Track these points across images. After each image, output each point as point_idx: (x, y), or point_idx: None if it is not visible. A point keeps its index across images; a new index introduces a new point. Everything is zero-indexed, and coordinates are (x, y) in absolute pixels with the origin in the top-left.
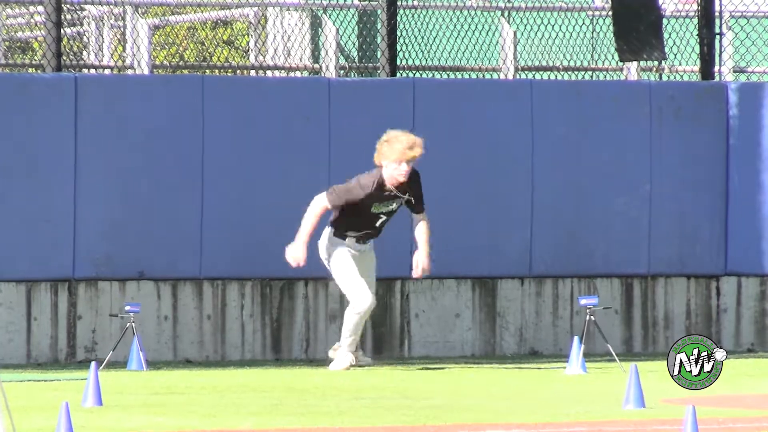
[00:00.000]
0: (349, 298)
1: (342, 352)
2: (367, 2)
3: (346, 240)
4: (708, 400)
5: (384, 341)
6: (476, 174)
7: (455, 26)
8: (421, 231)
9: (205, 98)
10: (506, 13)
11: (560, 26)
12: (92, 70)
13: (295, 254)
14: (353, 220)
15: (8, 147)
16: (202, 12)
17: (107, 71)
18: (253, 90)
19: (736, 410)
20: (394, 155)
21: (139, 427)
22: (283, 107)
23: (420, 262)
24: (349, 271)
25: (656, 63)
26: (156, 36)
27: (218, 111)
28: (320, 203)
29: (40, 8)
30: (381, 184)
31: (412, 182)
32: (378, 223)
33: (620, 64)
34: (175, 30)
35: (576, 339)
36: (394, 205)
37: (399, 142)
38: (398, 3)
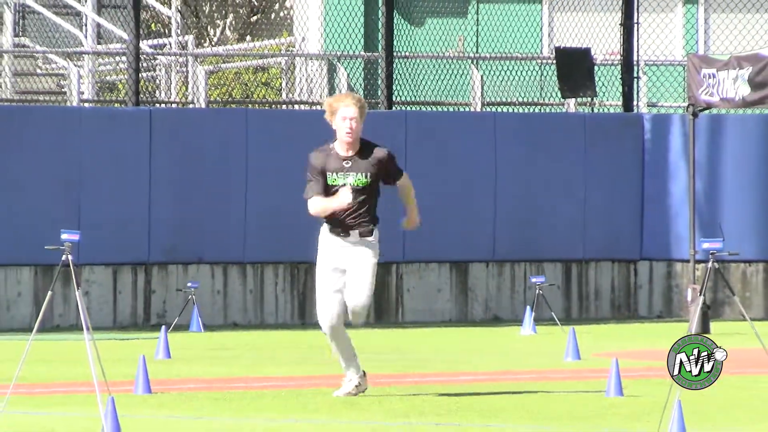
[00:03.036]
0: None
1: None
2: (370, 53)
3: (329, 231)
4: (628, 354)
5: (383, 310)
6: (453, 183)
7: (437, 71)
8: (405, 193)
9: (248, 126)
10: (475, 62)
11: (516, 71)
12: (162, 105)
13: (343, 200)
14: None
15: (100, 163)
16: (246, 60)
17: (174, 105)
18: (285, 119)
19: (649, 362)
20: (330, 108)
21: (199, 374)
22: (307, 132)
23: (408, 219)
24: (319, 285)
25: (589, 99)
26: (211, 79)
27: (258, 136)
28: (309, 204)
29: (123, 58)
30: (333, 149)
31: (376, 158)
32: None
33: (562, 100)
34: (225, 74)
35: (528, 308)
36: (352, 179)
37: (334, 97)
38: (394, 54)
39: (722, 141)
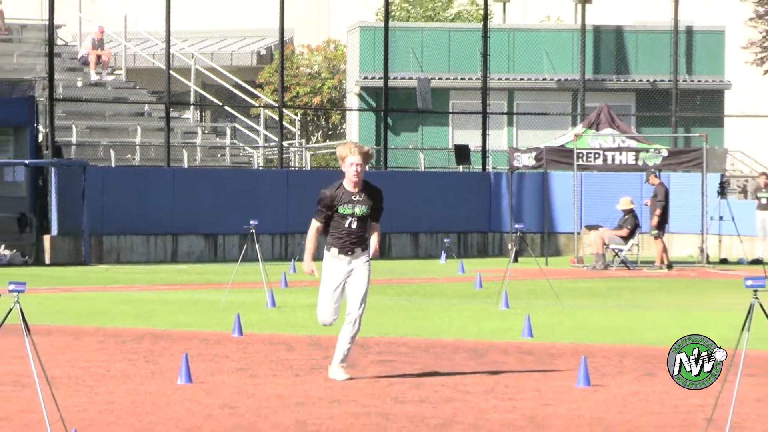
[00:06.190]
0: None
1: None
2: (377, 146)
3: (332, 251)
4: (485, 271)
5: (383, 253)
6: (413, 200)
7: (405, 155)
8: (374, 233)
9: (328, 177)
10: (421, 150)
11: (438, 155)
12: (291, 168)
13: (306, 269)
14: (332, 227)
15: (265, 193)
16: (326, 150)
17: (296, 168)
18: (343, 175)
19: (494, 273)
20: (340, 157)
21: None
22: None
23: (373, 251)
24: (322, 288)
25: (468, 166)
26: (312, 157)
27: (332, 181)
28: (313, 225)
29: (275, 148)
30: (342, 186)
31: (374, 195)
32: (350, 226)
33: (457, 166)
34: (318, 155)
35: (443, 252)
36: (358, 210)
37: (343, 147)
38: (387, 147)
39: (523, 184)
